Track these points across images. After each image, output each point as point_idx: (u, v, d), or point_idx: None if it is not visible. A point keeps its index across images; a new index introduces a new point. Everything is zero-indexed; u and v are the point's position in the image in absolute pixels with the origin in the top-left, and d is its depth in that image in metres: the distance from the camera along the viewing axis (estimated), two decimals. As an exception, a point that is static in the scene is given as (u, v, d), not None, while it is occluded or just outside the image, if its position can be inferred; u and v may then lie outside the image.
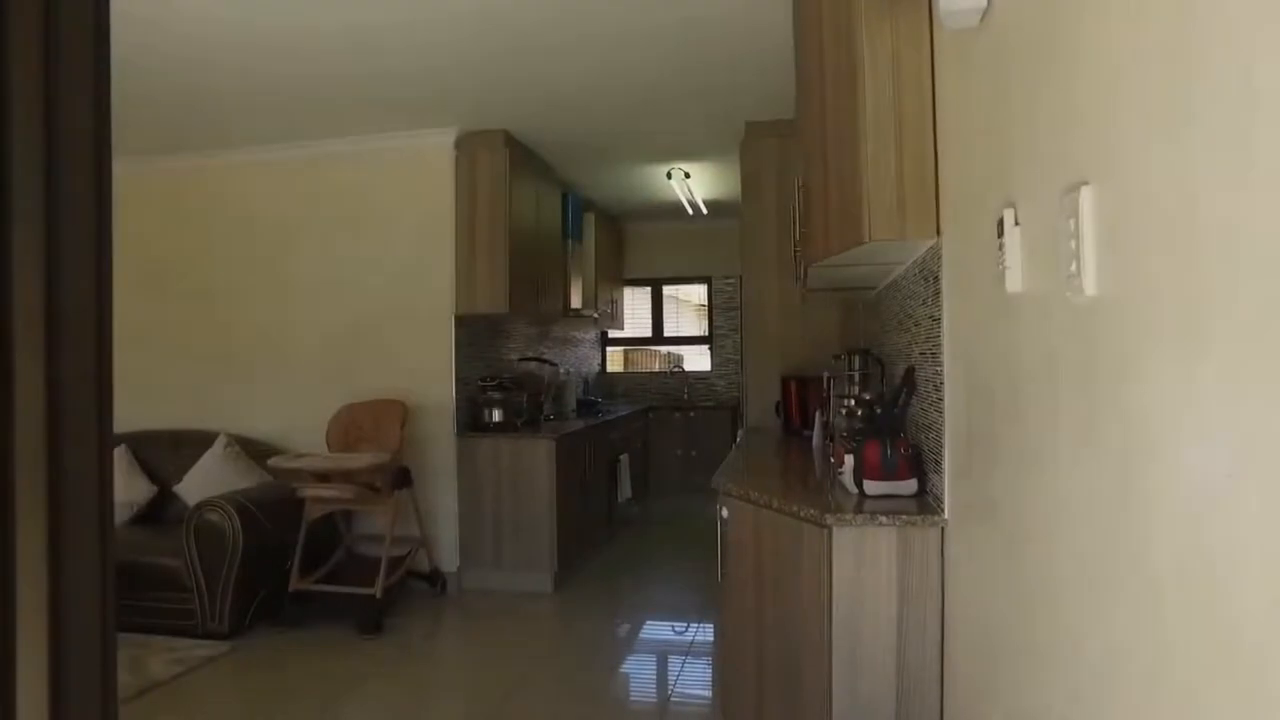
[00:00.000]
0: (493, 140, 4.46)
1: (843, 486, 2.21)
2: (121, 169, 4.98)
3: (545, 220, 5.12)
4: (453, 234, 4.48)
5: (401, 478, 4.04)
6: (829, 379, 3.76)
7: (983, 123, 1.43)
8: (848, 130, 1.97)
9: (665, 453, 6.99)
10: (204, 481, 4.22)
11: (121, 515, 4.23)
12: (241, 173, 4.79)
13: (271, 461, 3.84)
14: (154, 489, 4.39)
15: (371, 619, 3.70)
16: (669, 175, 5.47)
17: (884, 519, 1.88)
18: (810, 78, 2.28)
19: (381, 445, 4.15)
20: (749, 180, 4.31)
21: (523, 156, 4.71)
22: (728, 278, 7.53)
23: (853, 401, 2.80)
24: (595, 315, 6.26)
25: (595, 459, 5.16)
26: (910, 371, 2.20)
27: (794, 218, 2.96)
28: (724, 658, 2.55)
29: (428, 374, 4.48)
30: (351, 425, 4.26)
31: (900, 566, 1.89)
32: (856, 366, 2.92)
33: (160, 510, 4.35)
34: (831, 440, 2.95)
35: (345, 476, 3.85)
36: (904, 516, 1.87)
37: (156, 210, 4.95)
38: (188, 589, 3.63)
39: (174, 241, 4.92)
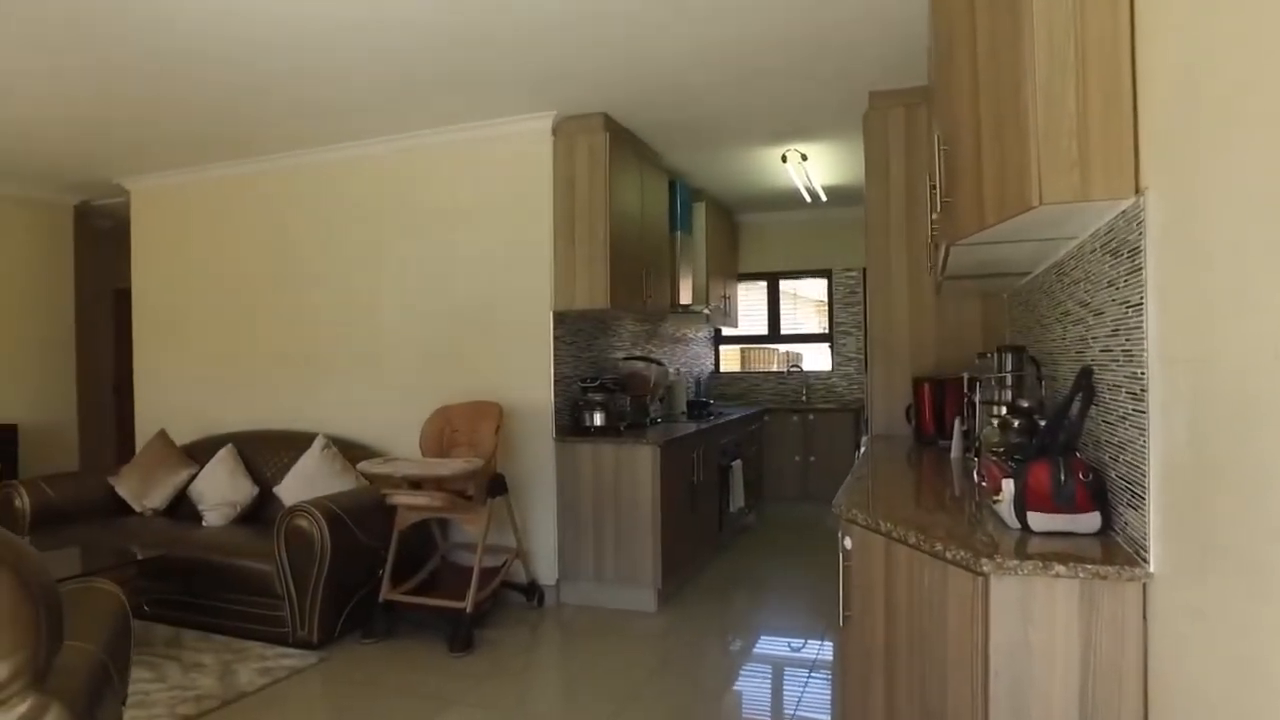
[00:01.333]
0: (591, 124, 4.17)
1: (996, 517, 1.77)
2: (214, 174, 5.03)
3: (650, 210, 4.80)
4: (550, 225, 4.22)
5: (496, 485, 3.81)
6: (970, 382, 3.26)
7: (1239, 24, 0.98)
8: (1007, 60, 1.53)
9: (781, 458, 6.54)
10: (301, 483, 4.14)
11: (225, 515, 4.21)
12: (334, 171, 4.72)
13: (361, 465, 3.69)
14: (255, 490, 4.36)
15: (462, 635, 3.49)
16: (784, 158, 5.04)
17: (1061, 568, 1.43)
18: (954, 3, 1.84)
19: (476, 449, 3.94)
20: (874, 157, 3.84)
21: (624, 141, 4.40)
22: (849, 270, 6.99)
23: (1005, 409, 2.32)
24: (707, 311, 5.89)
25: (705, 465, 4.80)
26: (1087, 374, 1.72)
27: (931, 192, 2.51)
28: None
29: (525, 374, 4.25)
30: (446, 428, 4.07)
31: (1084, 631, 1.43)
32: (1008, 366, 2.43)
33: (262, 511, 4.31)
34: (976, 455, 2.48)
35: (436, 483, 3.66)
36: (1089, 566, 1.42)
37: (252, 213, 4.97)
38: (279, 595, 3.52)
39: (273, 243, 4.91)
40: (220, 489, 4.33)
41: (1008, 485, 1.69)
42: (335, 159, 4.71)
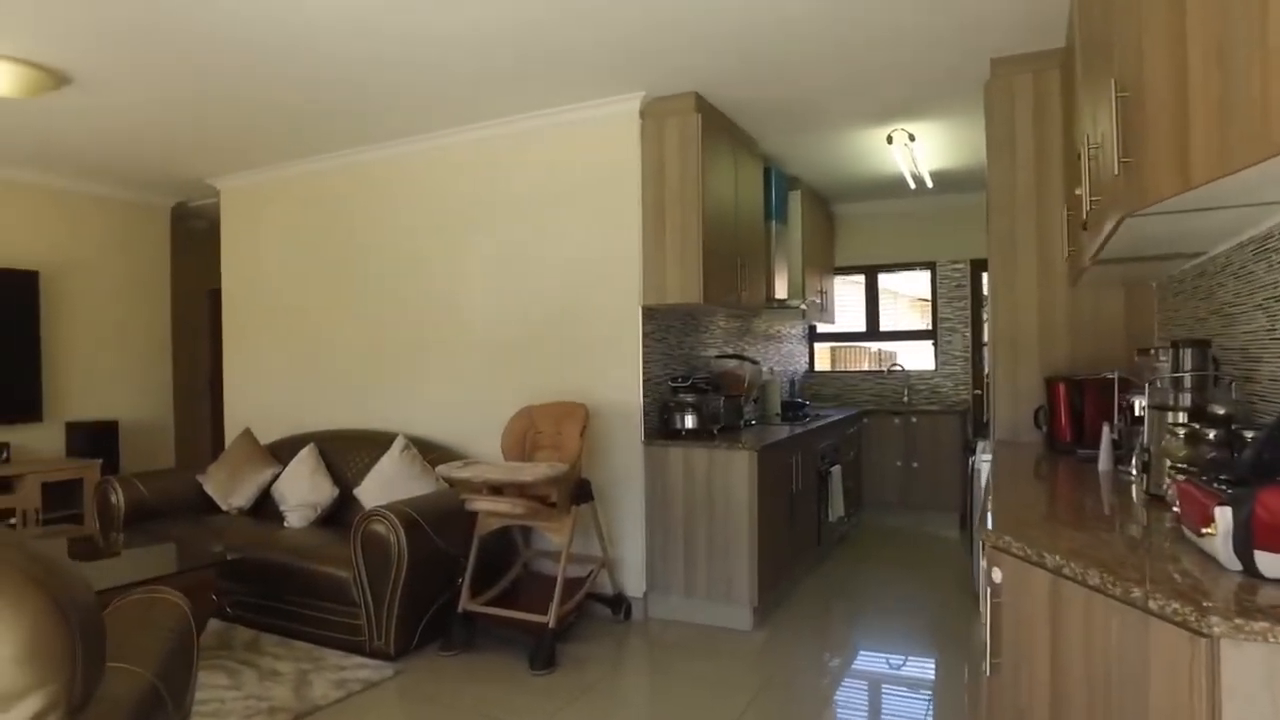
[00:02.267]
0: (682, 105, 3.89)
1: (1198, 553, 1.41)
2: (296, 171, 4.98)
3: (745, 198, 4.49)
4: (639, 215, 3.97)
5: (581, 491, 3.58)
6: (1123, 382, 2.84)
7: None
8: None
9: (881, 463, 6.12)
10: (380, 485, 4.01)
11: (305, 517, 4.12)
12: (415, 164, 4.59)
13: (441, 469, 3.51)
14: (336, 491, 4.26)
15: (544, 652, 3.26)
16: (889, 139, 4.64)
17: (1325, 633, 1.07)
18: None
19: (561, 453, 3.72)
20: (997, 132, 3.45)
21: (717, 124, 4.11)
22: (955, 262, 6.50)
23: (1184, 416, 1.93)
24: (803, 307, 5.54)
25: (803, 471, 4.46)
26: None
27: (1083, 161, 2.12)
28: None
29: (612, 373, 4.01)
30: (529, 429, 3.87)
31: (1359, 719, 1.07)
32: (1186, 365, 2.02)
33: (342, 513, 4.20)
34: (1145, 470, 2.09)
35: (518, 489, 3.45)
36: (1366, 630, 1.05)
37: (334, 210, 4.89)
38: (356, 603, 3.38)
39: (354, 239, 4.83)
40: (301, 490, 4.25)
41: (1223, 515, 1.32)
42: (416, 151, 4.58)
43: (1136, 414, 2.35)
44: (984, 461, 3.36)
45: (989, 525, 1.78)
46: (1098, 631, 1.38)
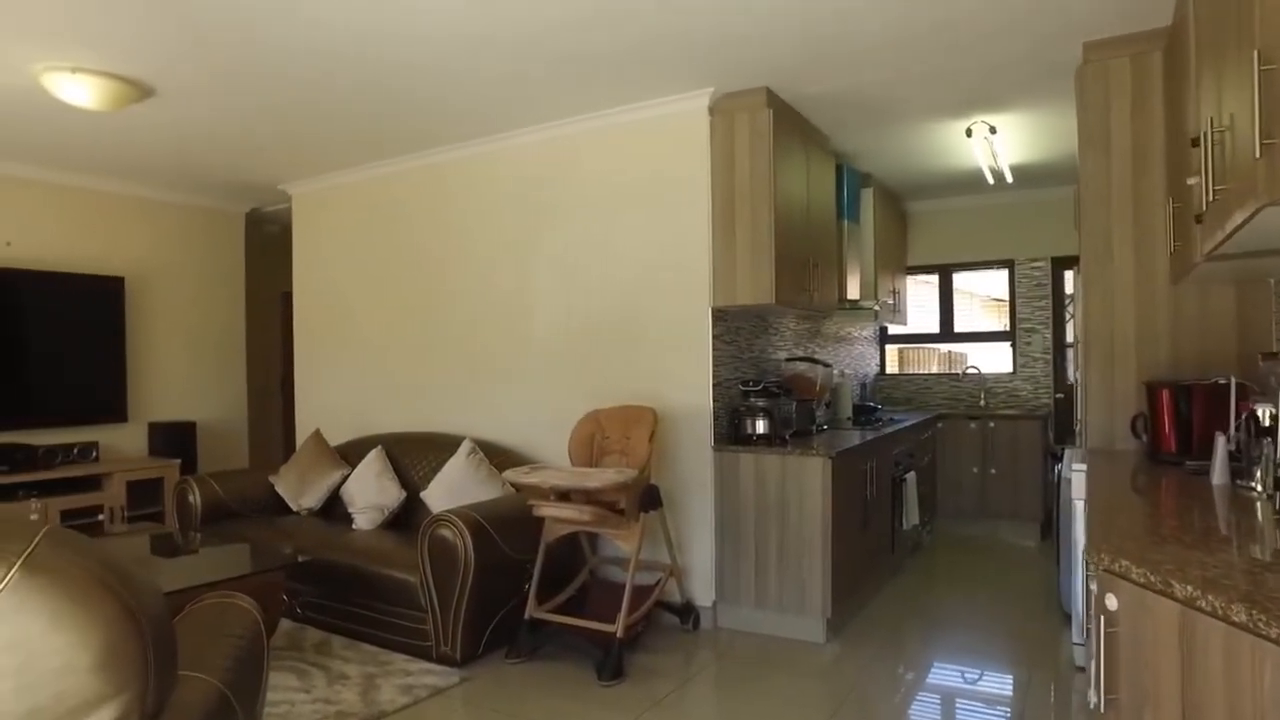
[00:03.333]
0: (752, 100, 3.78)
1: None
2: (363, 175, 5.02)
3: (817, 196, 4.34)
4: (708, 214, 3.87)
5: (649, 498, 3.50)
6: (1241, 388, 2.62)
7: None
8: None
9: (957, 470, 5.88)
10: (447, 489, 4.00)
11: (373, 519, 4.14)
12: (480, 166, 4.58)
13: (507, 474, 3.47)
14: (403, 494, 4.27)
15: (611, 662, 3.19)
16: (968, 132, 4.44)
17: None
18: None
19: (629, 458, 3.65)
20: (1090, 120, 3.24)
21: (788, 120, 3.98)
22: (1035, 261, 6.22)
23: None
24: (875, 308, 5.35)
25: (878, 478, 4.29)
26: None
27: (1199, 147, 1.95)
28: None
29: (681, 376, 3.92)
30: (597, 434, 3.81)
31: None
32: (1324, 371, 1.83)
33: (409, 516, 4.21)
34: (1279, 489, 1.90)
35: (585, 495, 3.39)
36: None
37: (400, 212, 4.92)
38: (422, 608, 3.36)
39: (420, 241, 4.84)
40: (368, 492, 4.27)
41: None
42: (481, 153, 4.57)
43: (1264, 424, 2.16)
44: (1076, 471, 3.16)
45: (1096, 544, 1.63)
46: (1245, 677, 1.23)
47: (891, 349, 7.00)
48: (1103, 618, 1.59)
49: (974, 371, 6.46)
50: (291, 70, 3.46)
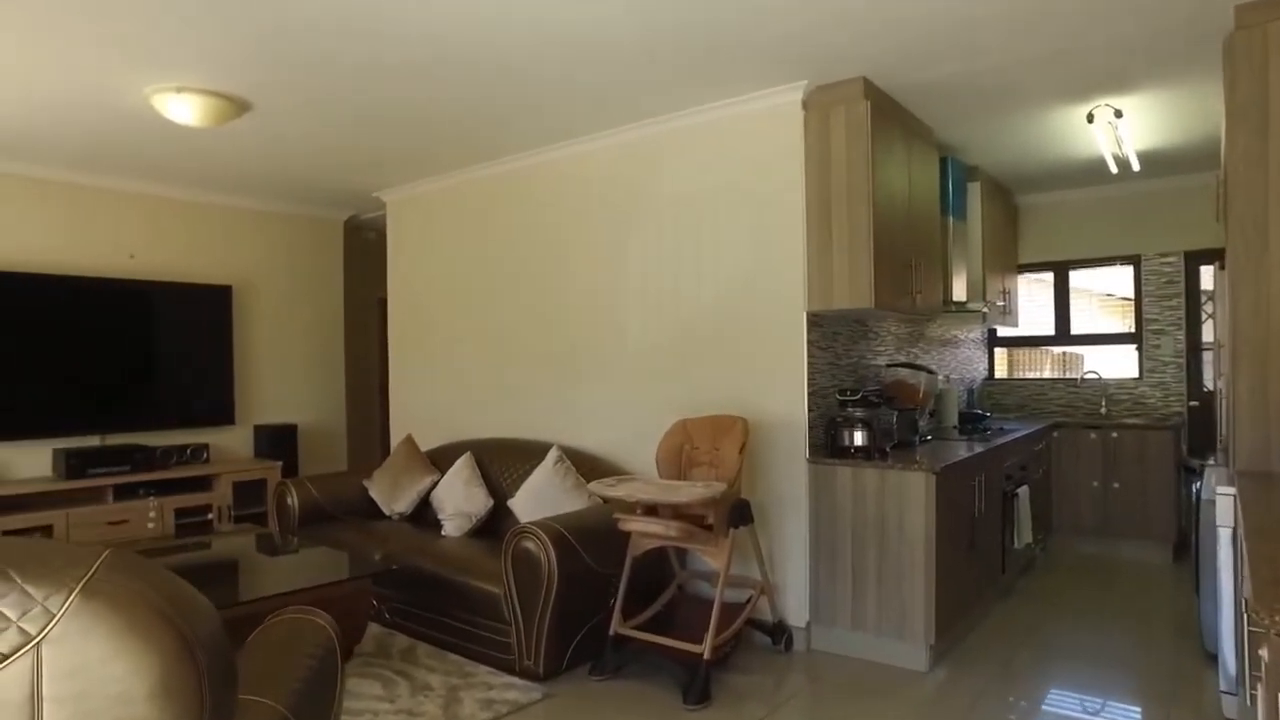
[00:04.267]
0: (849, 92, 3.56)
1: None
2: (452, 181, 5.04)
3: (919, 193, 4.08)
4: (803, 213, 3.67)
5: (739, 513, 3.33)
6: None
7: None
8: None
9: (1075, 484, 5.45)
10: (533, 498, 3.94)
11: (460, 526, 4.13)
12: (568, 168, 4.51)
13: (592, 485, 3.38)
14: (490, 502, 4.24)
15: (698, 685, 3.05)
16: (1090, 117, 4.07)
17: None
18: None
19: (718, 470, 3.50)
20: (1242, 96, 2.88)
21: (888, 111, 3.74)
22: (1166, 256, 5.70)
23: None
24: (983, 309, 5.01)
25: (987, 493, 3.99)
26: None
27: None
28: None
29: (773, 384, 3.74)
30: (685, 444, 3.67)
31: None
32: None
33: (497, 524, 4.18)
34: None
35: (672, 510, 3.26)
36: None
37: (489, 218, 4.90)
38: (506, 620, 3.31)
39: (508, 246, 4.82)
40: (457, 499, 4.27)
41: None
42: (567, 155, 4.51)
43: None
44: (1222, 494, 2.82)
45: (1266, 600, 1.38)
46: None
47: (1001, 352, 6.58)
48: (1265, 679, 1.34)
49: (1093, 376, 5.98)
50: (380, 81, 3.47)
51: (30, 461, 4.81)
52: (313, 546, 3.83)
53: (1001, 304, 5.53)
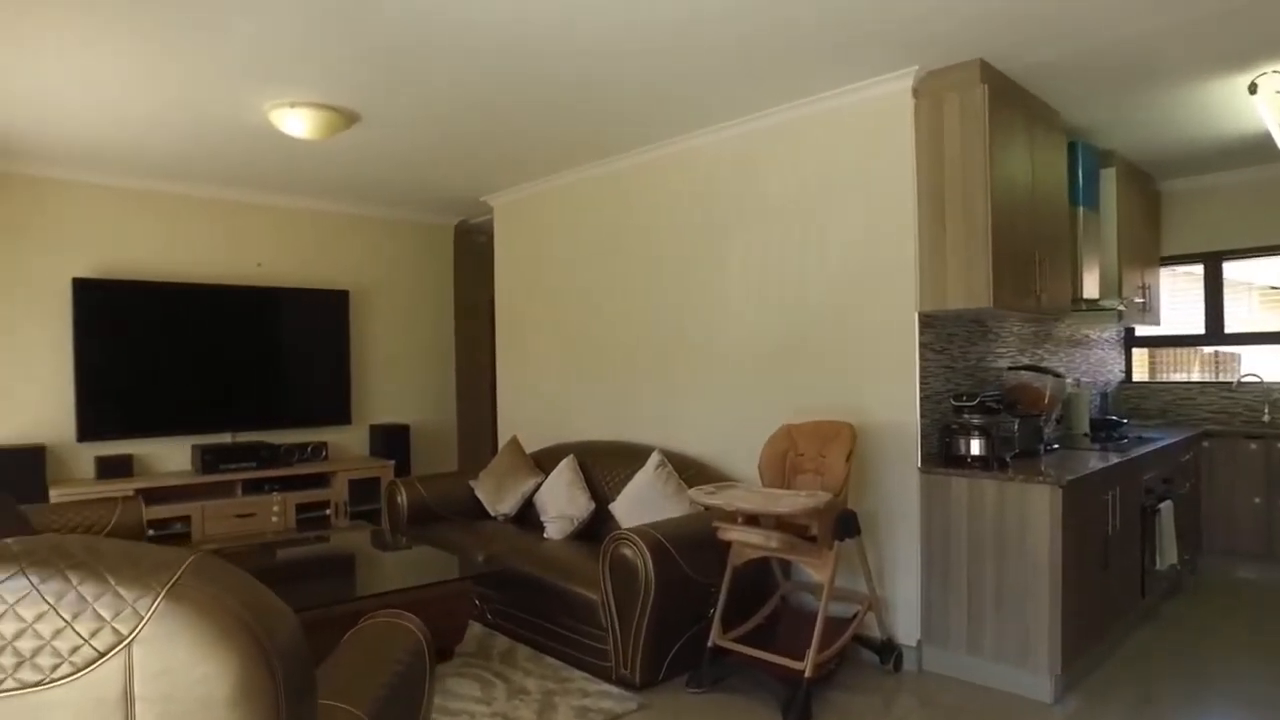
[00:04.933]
0: (965, 77, 3.33)
1: None
2: (555, 183, 5.05)
3: (1044, 182, 3.77)
4: (913, 208, 3.46)
5: (845, 524, 3.17)
6: None
7: None
8: None
9: (1230, 499, 4.93)
10: (634, 503, 3.90)
11: (562, 529, 4.13)
12: (668, 167, 4.43)
13: (691, 493, 3.30)
14: (592, 505, 4.23)
15: (798, 704, 2.91)
16: (1252, 88, 3.65)
17: None
18: None
19: (823, 479, 3.34)
20: None
21: (1008, 95, 3.47)
22: (1343, 244, 5.08)
23: None
24: (1119, 307, 4.61)
25: (1122, 508, 3.65)
26: None
27: None
28: None
29: (883, 389, 3.54)
30: (790, 451, 3.53)
31: None
32: None
33: (598, 528, 4.16)
34: None
35: (774, 520, 3.13)
36: None
37: (592, 218, 4.89)
38: (604, 627, 3.27)
39: (610, 247, 4.79)
40: (559, 502, 4.28)
41: None
42: (668, 154, 4.44)
43: None
44: None
45: None
46: None
47: (1140, 353, 6.05)
48: None
49: (1253, 379, 5.40)
50: (483, 88, 3.51)
51: (173, 456, 5.17)
52: (418, 546, 3.92)
53: (1140, 300, 5.08)
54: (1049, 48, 3.21)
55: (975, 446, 3.40)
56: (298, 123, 3.68)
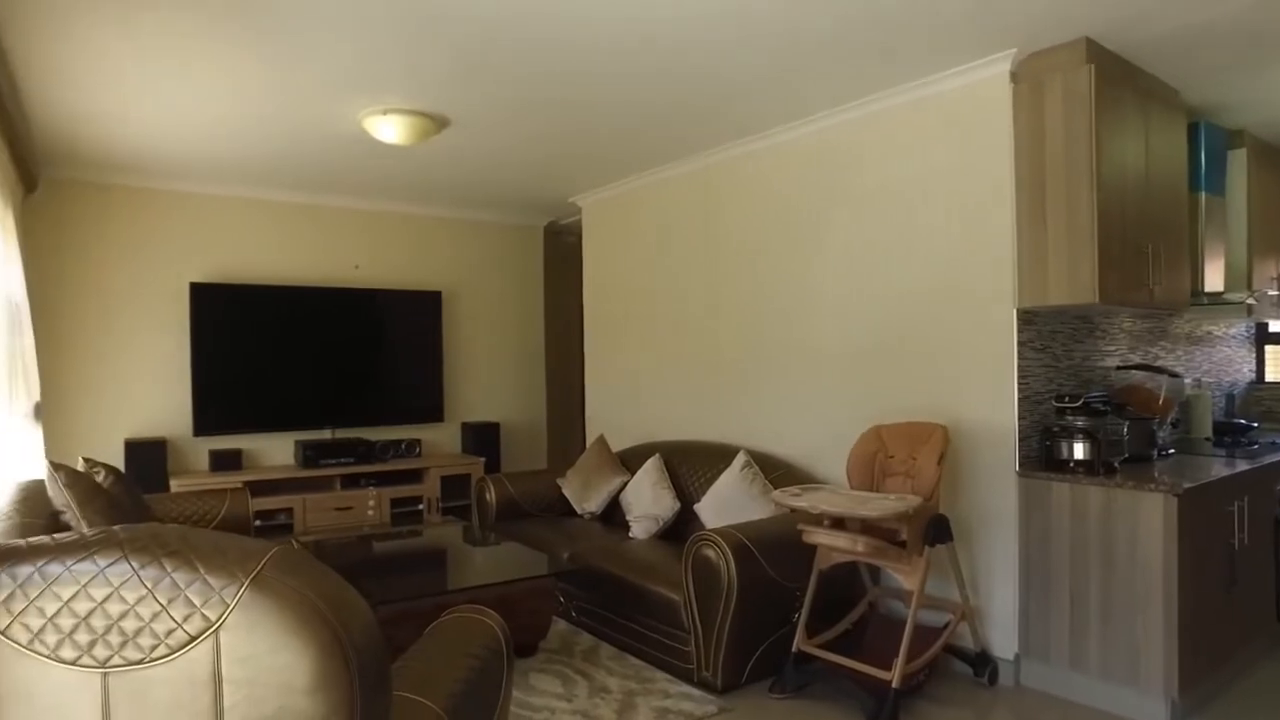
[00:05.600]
0: (1068, 57, 3.14)
1: None
2: (642, 182, 5.03)
3: (1160, 166, 3.52)
4: (1011, 199, 3.29)
5: (937, 529, 3.04)
6: None
7: None
8: None
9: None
10: (718, 504, 3.85)
11: (647, 529, 4.12)
12: (749, 164, 4.35)
13: (775, 495, 3.23)
14: (677, 505, 4.20)
15: (885, 714, 2.81)
16: (1399, 63, 3.30)
17: None
18: None
19: (914, 482, 3.21)
20: None
21: (1117, 75, 3.25)
22: None
23: None
24: (1248, 300, 4.25)
25: (1251, 520, 3.36)
26: None
27: None
28: None
29: (978, 389, 3.38)
30: (879, 453, 3.41)
31: None
32: None
33: (683, 528, 4.13)
34: None
35: (861, 524, 3.03)
36: None
37: (677, 216, 4.85)
38: (686, 628, 3.24)
39: (696, 245, 4.75)
40: (644, 501, 4.27)
41: None
42: (754, 150, 4.37)
43: None
44: None
45: None
46: None
47: (1273, 350, 5.57)
48: None
49: (1405, 381, 4.90)
50: (570, 89, 3.54)
51: (278, 450, 5.44)
52: (505, 542, 3.99)
53: (1274, 294, 4.67)
54: (1163, 21, 2.98)
55: (1079, 450, 3.20)
56: (390, 129, 3.79)
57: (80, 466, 3.35)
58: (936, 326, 3.53)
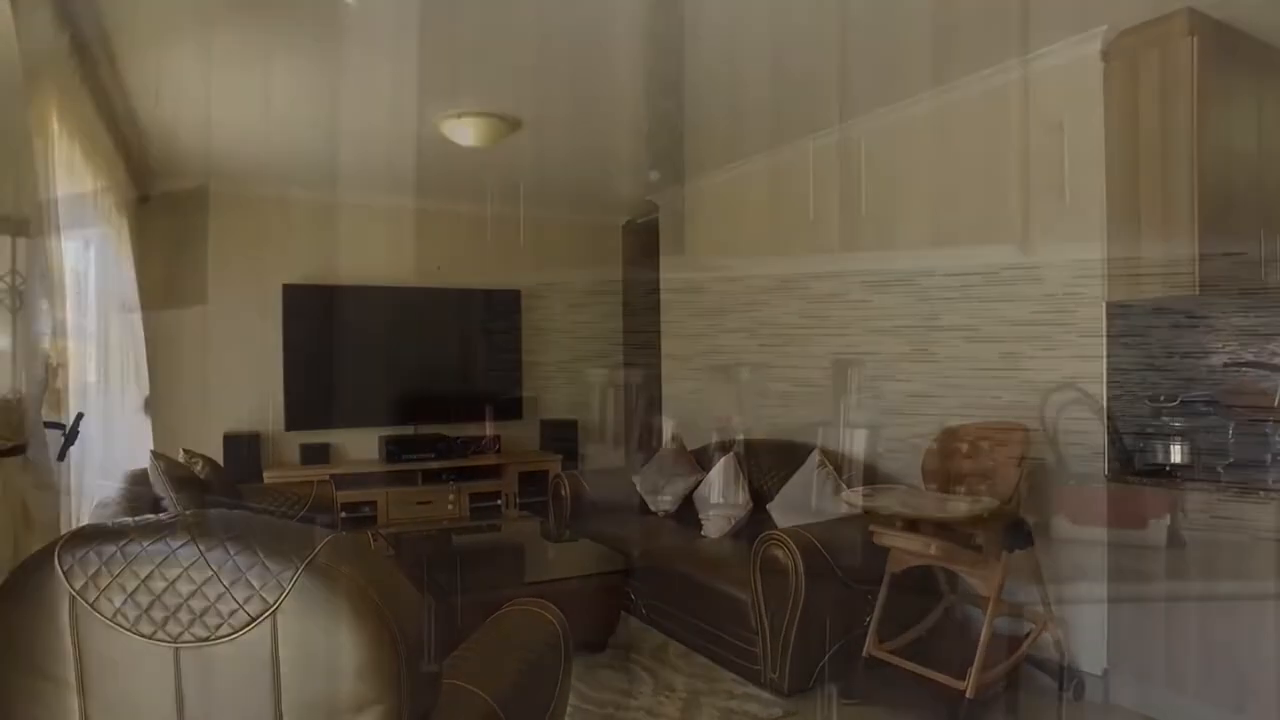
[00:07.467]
0: (1165, 30, 2.94)
1: None
2: (716, 179, 4.99)
3: (1274, 142, 3.25)
4: (1101, 185, 3.11)
5: (1016, 534, 2.90)
6: None
7: None
8: None
9: None
10: (791, 502, 3.79)
11: (720, 527, 4.09)
12: (819, 158, 4.26)
13: (845, 495, 3.16)
14: (751, 503, 4.15)
15: (960, 727, 2.70)
16: None
17: None
18: None
19: (991, 484, 3.08)
20: None
21: (1226, 45, 3.01)
22: None
23: None
24: (1377, 292, 3.89)
25: (1375, 532, 3.07)
26: None
27: None
28: None
29: (1064, 389, 3.21)
30: (955, 453, 3.28)
31: None
32: None
33: (755, 526, 4.07)
34: None
35: (934, 526, 2.92)
36: None
37: (747, 213, 4.79)
38: (753, 629, 3.19)
39: (768, 243, 4.68)
40: (717, 499, 4.25)
41: None
42: (828, 144, 4.27)
43: None
44: None
45: None
46: None
47: None
48: None
49: None
50: (639, 86, 3.55)
51: (363, 445, 5.65)
52: (578, 539, 4.03)
53: None
54: (1271, -7, 2.76)
55: (1176, 453, 3.00)
56: (464, 132, 3.89)
57: (180, 458, 3.56)
58: (1019, 320, 3.37)
